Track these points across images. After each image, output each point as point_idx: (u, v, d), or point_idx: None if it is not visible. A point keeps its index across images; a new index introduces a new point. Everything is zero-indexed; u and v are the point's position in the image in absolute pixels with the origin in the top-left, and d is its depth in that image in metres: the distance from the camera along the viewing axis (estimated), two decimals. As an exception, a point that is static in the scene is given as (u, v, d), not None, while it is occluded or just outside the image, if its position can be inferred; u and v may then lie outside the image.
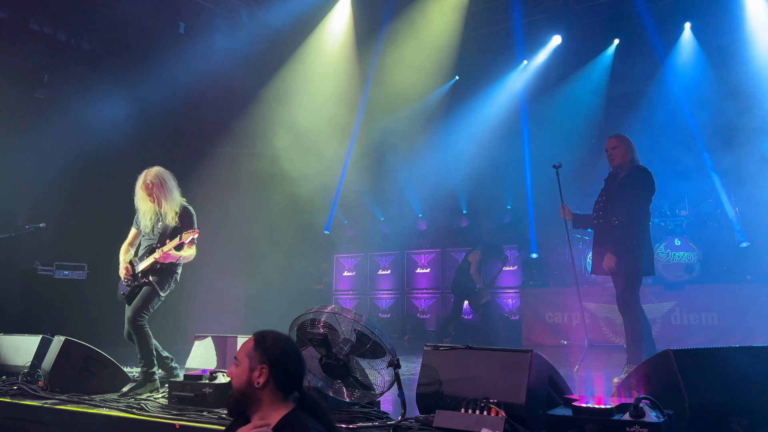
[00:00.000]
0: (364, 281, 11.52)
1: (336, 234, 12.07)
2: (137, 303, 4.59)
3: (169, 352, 4.94)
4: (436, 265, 10.70)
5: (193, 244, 4.71)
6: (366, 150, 10.93)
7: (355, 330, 3.56)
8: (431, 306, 10.57)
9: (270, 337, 2.37)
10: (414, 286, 10.86)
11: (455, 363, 3.46)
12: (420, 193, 11.24)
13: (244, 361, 2.32)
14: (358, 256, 11.72)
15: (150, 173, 4.75)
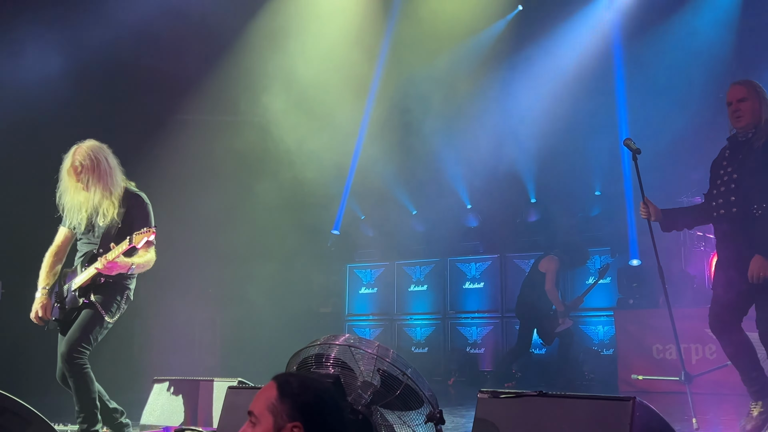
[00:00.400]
0: (389, 301, 11.54)
1: (349, 235, 12.08)
2: (74, 333, 4.62)
3: (118, 402, 4.96)
4: (493, 277, 10.66)
5: (150, 245, 4.73)
6: (390, 113, 10.89)
7: (379, 370, 3.53)
8: (487, 336, 10.53)
9: (296, 382, 2.39)
10: (462, 307, 10.84)
11: (523, 416, 3.43)
12: (468, 175, 11.18)
13: (266, 418, 2.33)
14: (381, 266, 11.71)
15: (79, 151, 4.78)
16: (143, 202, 4.85)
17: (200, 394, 4.81)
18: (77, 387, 4.60)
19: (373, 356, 3.54)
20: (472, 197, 11.37)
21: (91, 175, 4.72)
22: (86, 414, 4.60)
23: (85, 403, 4.60)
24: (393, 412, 3.60)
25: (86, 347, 4.62)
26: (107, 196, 4.74)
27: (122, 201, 4.77)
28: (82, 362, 4.60)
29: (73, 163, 4.75)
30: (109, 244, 4.67)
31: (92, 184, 4.72)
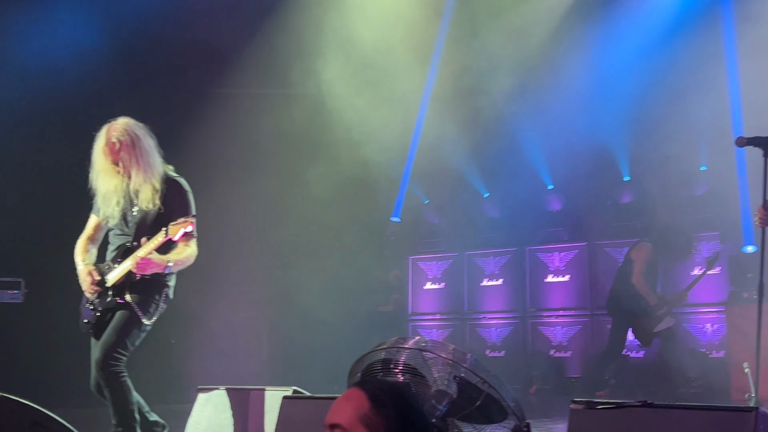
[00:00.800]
0: (458, 298, 11.55)
1: (412, 222, 12.10)
2: (109, 337, 4.73)
3: (158, 414, 5.08)
4: (581, 269, 10.58)
5: (190, 238, 4.80)
6: (457, 81, 10.82)
7: (455, 377, 3.54)
8: (574, 337, 10.48)
9: (389, 391, 2.42)
10: (544, 304, 10.80)
11: (625, 430, 3.40)
12: (550, 152, 11.07)
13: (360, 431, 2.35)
14: (448, 258, 11.72)
15: (115, 127, 4.85)
16: (182, 188, 4.92)
17: (251, 404, 4.88)
18: (114, 397, 4.71)
19: (449, 361, 3.55)
20: (553, 176, 11.26)
21: (130, 153, 4.78)
22: (124, 427, 4.72)
23: (123, 414, 4.72)
24: (472, 425, 3.61)
25: (123, 353, 4.72)
26: (146, 180, 4.80)
27: (161, 186, 4.84)
28: (119, 370, 4.71)
29: (108, 140, 4.81)
30: (144, 235, 4.74)
31: (131, 165, 4.78)
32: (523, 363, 10.63)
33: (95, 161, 4.87)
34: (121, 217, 4.92)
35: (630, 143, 10.76)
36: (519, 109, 10.92)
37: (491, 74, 10.81)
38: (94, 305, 4.87)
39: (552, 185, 11.30)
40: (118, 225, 4.95)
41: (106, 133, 4.84)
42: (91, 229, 5.12)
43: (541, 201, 11.32)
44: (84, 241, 5.09)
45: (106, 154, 4.82)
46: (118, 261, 4.83)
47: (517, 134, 11.10)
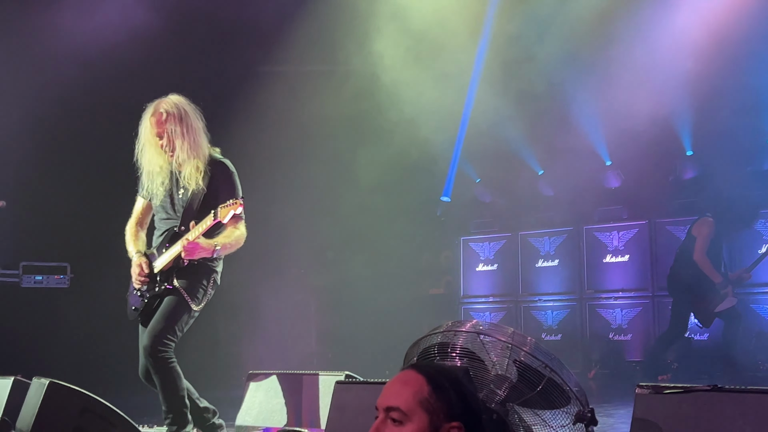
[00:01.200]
0: (513, 280, 11.53)
1: (463, 202, 12.07)
2: (157, 323, 4.78)
3: (208, 400, 5.13)
4: (641, 248, 10.50)
5: (238, 220, 4.81)
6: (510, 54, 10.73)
7: (515, 361, 3.52)
8: (634, 319, 10.39)
9: (445, 374, 2.40)
10: (602, 285, 10.73)
11: (693, 415, 3.36)
12: (608, 126, 10.95)
13: (420, 416, 2.31)
14: (501, 239, 11.68)
15: (165, 101, 4.85)
16: (228, 170, 4.92)
17: (304, 390, 4.90)
18: (163, 384, 4.76)
19: (508, 345, 3.53)
20: (611, 152, 11.15)
21: (176, 126, 4.77)
22: (175, 414, 4.76)
23: (173, 401, 4.77)
24: (533, 410, 3.58)
25: (171, 339, 4.76)
26: (189, 157, 4.79)
27: (206, 167, 4.84)
28: (168, 356, 4.75)
29: (156, 111, 4.82)
30: (191, 219, 4.77)
31: (175, 138, 4.78)
32: (580, 347, 10.60)
33: (142, 135, 4.89)
34: (166, 198, 4.94)
35: (692, 116, 10.60)
36: (574, 82, 10.81)
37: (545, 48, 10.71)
38: (141, 292, 4.92)
39: (610, 161, 11.19)
40: (163, 208, 4.97)
41: (154, 105, 4.85)
42: (139, 213, 5.16)
43: (599, 178, 11.21)
44: (133, 226, 5.14)
45: (152, 125, 4.82)
46: (166, 246, 4.86)
47: (572, 109, 11.00)
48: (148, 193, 5.03)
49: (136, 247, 5.04)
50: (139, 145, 4.93)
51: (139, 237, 5.11)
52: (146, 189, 5.02)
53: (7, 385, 5.53)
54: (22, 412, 5.16)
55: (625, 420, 6.12)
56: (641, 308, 10.35)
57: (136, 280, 4.93)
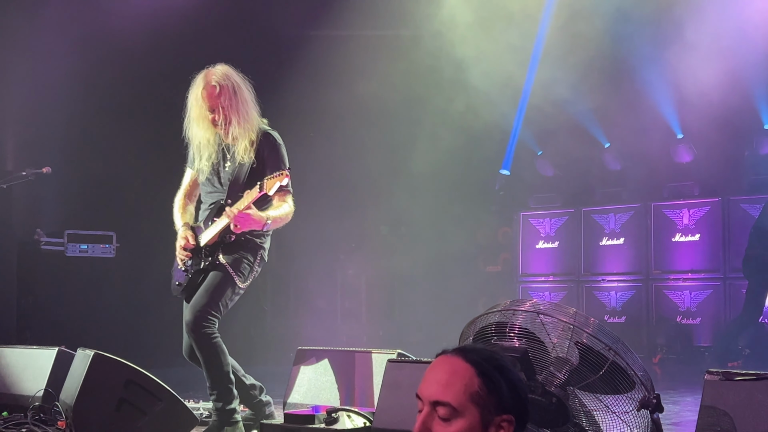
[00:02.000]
0: (574, 258, 11.46)
1: (523, 176, 12.01)
2: (201, 298, 4.83)
3: (255, 376, 5.20)
4: (713, 227, 10.38)
5: (286, 194, 4.84)
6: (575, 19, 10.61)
7: (577, 343, 3.51)
8: (704, 303, 10.30)
9: (492, 361, 2.32)
10: (670, 266, 10.64)
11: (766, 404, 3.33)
12: (679, 97, 10.79)
13: (472, 412, 2.25)
14: (564, 215, 11.61)
15: (215, 72, 4.86)
16: (276, 142, 4.94)
17: (356, 368, 4.93)
18: (207, 361, 4.82)
19: (570, 326, 3.53)
20: (683, 124, 11.00)
21: (231, 100, 4.79)
22: (220, 390, 4.83)
23: (218, 378, 4.83)
24: (594, 395, 3.58)
25: (215, 314, 4.81)
26: (244, 132, 4.82)
27: (252, 139, 4.86)
28: (211, 332, 4.80)
29: (208, 83, 4.81)
30: (238, 192, 4.80)
31: (230, 112, 4.79)
32: (645, 330, 10.54)
33: (191, 107, 4.90)
34: (212, 172, 4.98)
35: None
36: (644, 48, 10.67)
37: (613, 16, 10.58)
38: (186, 267, 4.97)
39: (681, 134, 11.04)
40: (210, 181, 5.01)
41: (204, 77, 4.84)
42: (187, 185, 5.21)
43: (669, 152, 11.07)
44: (182, 198, 5.19)
45: (203, 99, 4.82)
46: (212, 220, 4.89)
47: (642, 79, 10.85)
48: (196, 167, 5.07)
49: (183, 219, 5.10)
50: (188, 118, 4.95)
51: (186, 210, 5.17)
52: (197, 161, 5.05)
53: (51, 356, 5.65)
54: (66, 383, 5.28)
55: (691, 408, 6.09)
56: (712, 291, 10.24)
57: (180, 253, 4.98)
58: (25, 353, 5.93)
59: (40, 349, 5.85)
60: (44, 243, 8.93)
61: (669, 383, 8.01)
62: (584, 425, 3.60)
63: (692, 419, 3.79)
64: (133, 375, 5.01)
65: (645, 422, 3.50)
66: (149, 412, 4.97)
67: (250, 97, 4.89)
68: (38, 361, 5.70)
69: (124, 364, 5.05)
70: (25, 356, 5.89)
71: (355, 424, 4.27)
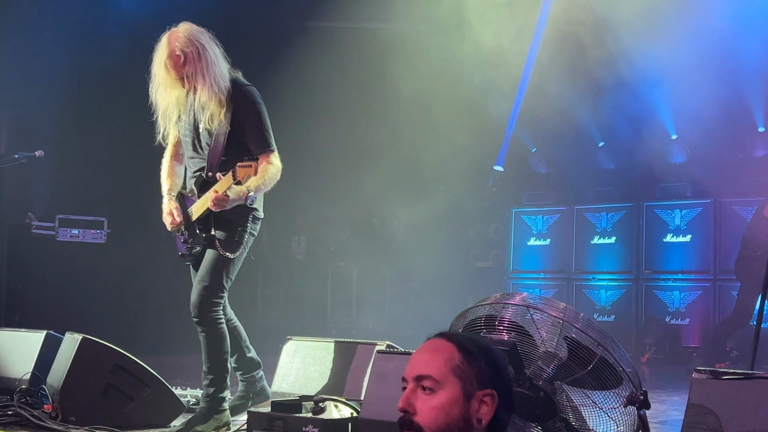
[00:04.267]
0: (566, 256, 11.46)
1: (516, 172, 11.99)
2: (203, 280, 4.78)
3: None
4: (704, 228, 10.38)
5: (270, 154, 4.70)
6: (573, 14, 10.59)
7: (566, 338, 3.51)
8: (693, 303, 10.31)
9: (475, 343, 2.42)
10: (661, 266, 10.64)
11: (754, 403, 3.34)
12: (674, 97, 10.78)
13: (453, 383, 2.33)
14: (556, 212, 11.61)
15: (175, 36, 4.65)
16: (251, 99, 4.77)
17: (345, 359, 4.93)
18: (208, 345, 4.82)
19: (559, 320, 3.53)
20: (677, 125, 10.98)
21: (195, 66, 4.60)
22: (215, 376, 4.82)
23: (215, 363, 4.83)
24: (582, 390, 3.58)
25: (220, 295, 4.80)
26: (212, 96, 4.64)
27: (228, 98, 4.70)
28: (216, 316, 4.80)
29: (171, 52, 4.63)
30: (218, 160, 4.69)
31: (198, 82, 4.62)
32: (634, 329, 10.54)
33: (156, 74, 4.74)
34: (189, 134, 4.86)
35: (765, 90, 10.41)
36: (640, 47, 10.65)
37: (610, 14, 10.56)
38: (184, 238, 4.90)
39: (675, 135, 11.03)
40: (189, 145, 4.89)
41: (167, 44, 4.66)
42: (172, 147, 5.07)
43: (663, 152, 11.06)
44: (168, 162, 5.07)
45: (168, 68, 4.66)
46: (197, 193, 4.82)
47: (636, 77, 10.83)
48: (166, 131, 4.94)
49: (169, 184, 5.00)
50: (153, 84, 4.79)
51: (174, 172, 5.04)
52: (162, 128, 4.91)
53: (39, 339, 5.65)
54: (53, 367, 5.28)
55: (677, 407, 6.10)
56: (701, 292, 10.25)
57: (168, 226, 4.93)
58: (13, 336, 5.92)
59: (28, 332, 5.85)
60: (35, 227, 8.89)
61: (657, 383, 8.02)
62: (571, 420, 3.60)
63: (679, 418, 3.80)
64: (121, 360, 5.01)
65: (632, 419, 3.50)
66: (136, 397, 4.98)
67: (216, 54, 4.69)
68: (26, 344, 5.70)
69: (113, 349, 5.05)
70: (13, 339, 5.88)
71: (342, 414, 4.26)
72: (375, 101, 10.68)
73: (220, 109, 4.67)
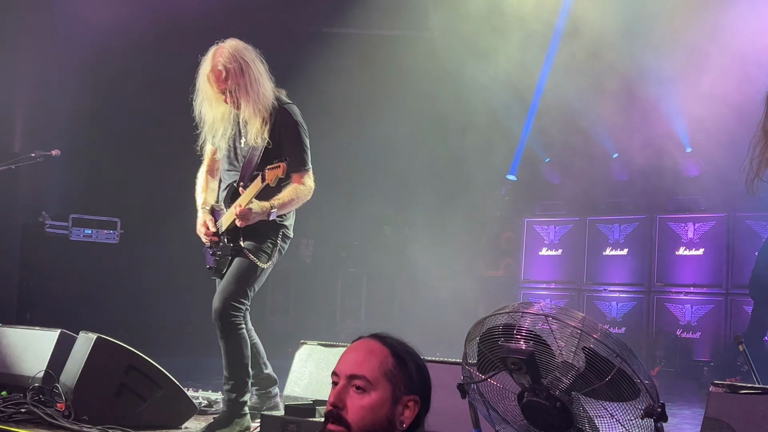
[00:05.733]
0: (577, 267, 11.42)
1: (529, 182, 11.99)
2: (228, 286, 4.82)
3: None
4: (717, 242, 10.33)
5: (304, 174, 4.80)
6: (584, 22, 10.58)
7: (584, 348, 3.49)
8: (705, 317, 10.26)
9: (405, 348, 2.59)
10: (672, 279, 10.60)
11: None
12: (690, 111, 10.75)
13: (384, 386, 2.47)
14: (569, 223, 11.59)
15: (221, 52, 4.73)
16: (292, 118, 4.85)
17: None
18: (228, 350, 4.85)
19: (577, 331, 3.51)
20: (692, 137, 10.94)
21: (238, 82, 4.67)
22: (236, 381, 4.85)
23: (236, 368, 4.85)
24: (599, 401, 3.56)
25: (243, 301, 4.84)
26: (255, 113, 4.72)
27: (271, 115, 4.78)
28: (237, 321, 4.83)
29: (214, 67, 4.72)
30: (252, 172, 4.74)
31: (239, 95, 4.69)
32: (645, 342, 10.51)
33: (200, 88, 4.83)
34: (228, 149, 4.93)
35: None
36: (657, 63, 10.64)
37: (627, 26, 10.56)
38: (213, 250, 4.98)
39: (690, 148, 11.00)
40: (226, 157, 4.97)
41: (212, 59, 4.74)
42: (209, 160, 5.17)
43: (677, 165, 11.02)
44: (204, 175, 5.17)
45: (211, 82, 4.74)
46: (228, 203, 4.88)
47: (653, 90, 10.82)
48: (215, 144, 5.03)
49: (204, 198, 5.08)
50: (198, 98, 4.88)
51: (209, 187, 5.13)
52: (209, 141, 5.02)
53: (52, 337, 5.67)
54: (67, 365, 5.30)
55: (689, 421, 6.09)
56: (713, 306, 10.20)
57: (203, 237, 4.98)
58: (27, 334, 5.95)
59: (42, 330, 5.88)
60: (49, 226, 8.94)
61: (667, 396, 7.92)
62: (587, 431, 3.59)
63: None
64: (135, 361, 5.03)
65: (648, 431, 3.49)
66: (149, 398, 4.99)
67: (260, 72, 4.77)
68: (40, 343, 5.73)
69: (126, 349, 5.06)
70: (27, 337, 5.91)
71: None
72: (389, 107, 10.69)
73: (262, 126, 4.73)
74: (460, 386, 3.72)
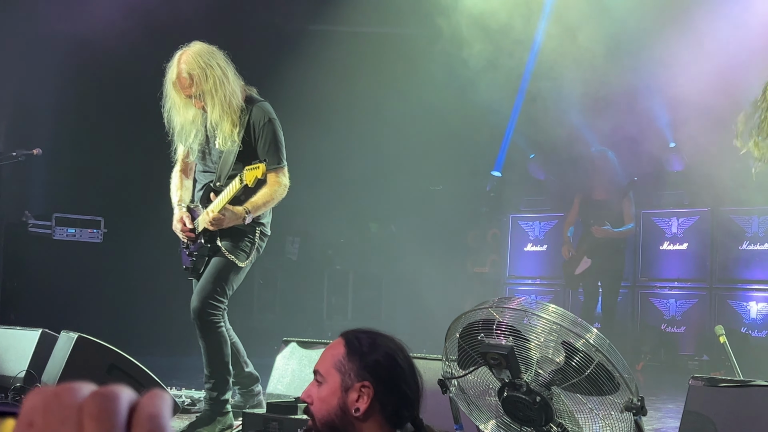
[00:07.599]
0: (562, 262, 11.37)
1: (514, 178, 12.00)
2: (206, 284, 4.83)
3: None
4: (700, 236, 10.38)
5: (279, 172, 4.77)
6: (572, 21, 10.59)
7: (563, 343, 3.50)
8: (689, 311, 10.31)
9: (366, 339, 2.64)
10: (657, 273, 10.66)
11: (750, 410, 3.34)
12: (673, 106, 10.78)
13: (333, 377, 2.58)
14: (553, 219, 11.60)
15: (185, 58, 4.68)
16: (265, 117, 4.82)
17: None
18: (208, 349, 4.85)
19: (557, 325, 3.52)
20: (676, 132, 10.96)
21: (204, 86, 4.63)
22: (217, 380, 4.86)
23: (216, 366, 4.85)
24: (578, 396, 3.57)
25: (221, 300, 4.83)
26: (223, 115, 4.67)
27: (242, 116, 4.76)
28: (216, 320, 4.82)
29: (179, 74, 4.68)
30: (228, 174, 4.75)
31: (207, 103, 4.67)
32: (630, 336, 10.52)
33: (167, 94, 4.80)
34: (203, 152, 4.93)
35: (765, 99, 10.38)
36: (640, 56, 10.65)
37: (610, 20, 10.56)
38: (189, 250, 4.97)
39: (674, 143, 11.02)
40: (201, 160, 4.97)
41: (176, 65, 4.70)
42: (182, 161, 5.16)
43: (661, 161, 11.06)
44: (178, 174, 5.16)
45: (177, 89, 4.71)
46: (204, 204, 4.88)
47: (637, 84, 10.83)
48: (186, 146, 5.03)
49: (180, 195, 5.07)
50: (166, 104, 4.86)
51: (183, 186, 5.12)
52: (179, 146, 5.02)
53: (34, 337, 5.65)
54: (48, 365, 5.28)
55: (673, 414, 6.10)
56: (697, 300, 10.25)
57: (180, 234, 4.97)
58: (8, 334, 5.92)
59: (23, 330, 5.85)
60: (32, 225, 8.89)
61: (652, 390, 8.01)
62: (567, 426, 3.59)
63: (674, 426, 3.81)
64: (117, 359, 5.01)
65: (628, 425, 3.49)
66: (131, 397, 4.96)
67: (227, 74, 4.72)
68: (21, 342, 5.70)
69: (108, 348, 5.04)
70: (8, 337, 5.88)
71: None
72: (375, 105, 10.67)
73: (232, 128, 4.70)
74: (440, 381, 3.73)
